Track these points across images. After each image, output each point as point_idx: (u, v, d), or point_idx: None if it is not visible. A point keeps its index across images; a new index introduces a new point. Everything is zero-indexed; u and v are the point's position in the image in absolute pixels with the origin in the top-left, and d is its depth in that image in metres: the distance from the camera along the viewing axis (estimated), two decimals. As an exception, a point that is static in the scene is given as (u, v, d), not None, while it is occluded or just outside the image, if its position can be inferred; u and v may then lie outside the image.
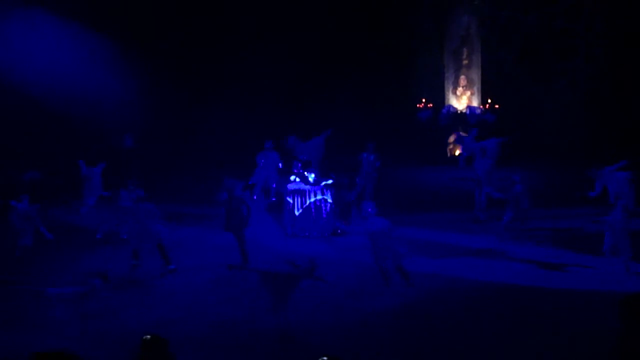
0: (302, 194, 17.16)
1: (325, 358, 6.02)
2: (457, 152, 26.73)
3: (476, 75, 28.21)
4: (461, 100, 27.96)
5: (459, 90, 28.12)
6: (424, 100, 27.86)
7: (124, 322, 11.62)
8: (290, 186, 17.42)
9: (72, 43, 24.56)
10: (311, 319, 11.79)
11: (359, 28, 27.66)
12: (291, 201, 17.17)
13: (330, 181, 17.25)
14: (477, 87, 28.15)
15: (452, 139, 27.05)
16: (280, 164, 20.13)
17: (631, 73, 25.54)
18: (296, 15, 26.52)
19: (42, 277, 13.64)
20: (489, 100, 27.40)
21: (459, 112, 27.49)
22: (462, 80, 28.12)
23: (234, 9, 26.99)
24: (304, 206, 17.05)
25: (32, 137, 22.39)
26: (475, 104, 27.82)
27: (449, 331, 11.23)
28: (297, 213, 17.10)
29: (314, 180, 17.25)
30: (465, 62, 28.20)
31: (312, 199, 17.10)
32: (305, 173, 17.41)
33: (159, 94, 25.43)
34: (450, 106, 27.75)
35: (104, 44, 24.76)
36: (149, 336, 6.99)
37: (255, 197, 19.82)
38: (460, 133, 24.16)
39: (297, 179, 17.55)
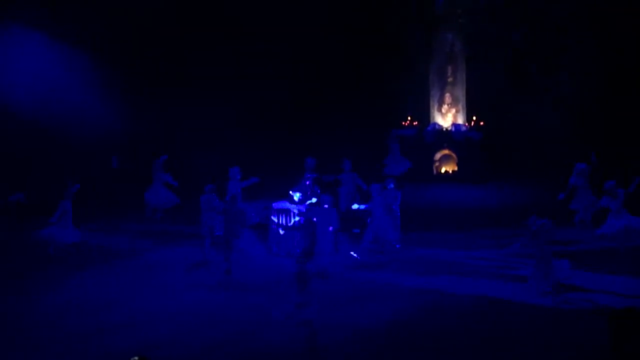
0: (287, 212, 17.08)
1: (136, 358, 6.49)
2: (443, 170, 26.83)
3: (461, 92, 28.30)
4: (446, 117, 28.04)
5: (444, 107, 28.19)
6: (409, 117, 27.94)
7: (112, 343, 11.47)
8: (275, 205, 17.34)
9: (56, 62, 24.51)
10: (300, 337, 11.72)
11: (345, 45, 27.77)
12: (276, 220, 17.11)
13: (315, 200, 17.15)
14: (462, 105, 28.23)
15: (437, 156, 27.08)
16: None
17: (618, 90, 25.67)
18: (283, 33, 26.59)
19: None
20: (474, 118, 27.50)
21: (444, 129, 27.55)
22: (447, 97, 28.21)
23: (219, 29, 27.02)
24: (290, 225, 16.94)
25: (17, 158, 22.29)
26: (460, 121, 27.89)
27: (437, 348, 11.22)
28: (281, 232, 17.03)
29: (299, 199, 17.20)
30: (450, 79, 28.30)
31: (297, 218, 17.00)
32: (291, 192, 17.34)
33: (145, 110, 25.43)
34: (435, 124, 27.80)
35: (86, 61, 24.71)
36: (136, 357, 6.91)
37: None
38: None
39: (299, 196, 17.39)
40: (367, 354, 11.11)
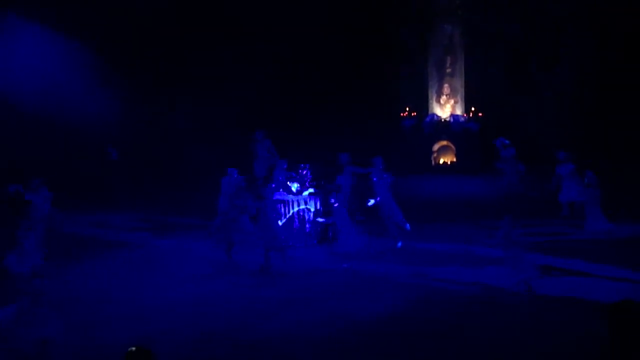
0: (285, 203, 17.21)
1: (133, 348, 6.44)
2: (442, 160, 27.01)
3: (460, 83, 28.48)
4: (445, 108, 28.22)
5: (443, 98, 28.37)
6: (407, 108, 28.11)
7: (109, 334, 11.54)
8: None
9: (56, 61, 24.82)
10: (296, 328, 11.79)
11: (344, 36, 27.95)
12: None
13: (312, 190, 17.30)
14: (460, 96, 28.41)
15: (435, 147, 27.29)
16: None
17: (616, 83, 25.76)
18: (283, 33, 26.81)
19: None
20: (473, 109, 27.66)
21: (442, 120, 27.75)
22: (446, 88, 28.39)
23: (219, 20, 27.24)
24: (287, 216, 17.14)
25: (16, 149, 22.61)
26: (458, 112, 28.08)
27: (433, 340, 11.13)
28: (280, 223, 17.02)
29: (297, 189, 17.36)
30: (448, 70, 28.49)
31: (296, 209, 17.20)
32: (288, 183, 17.42)
33: (143, 103, 25.83)
34: (434, 114, 28.00)
35: (87, 61, 25.03)
36: (134, 348, 7.03)
37: None
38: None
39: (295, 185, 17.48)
40: (361, 346, 11.07)
